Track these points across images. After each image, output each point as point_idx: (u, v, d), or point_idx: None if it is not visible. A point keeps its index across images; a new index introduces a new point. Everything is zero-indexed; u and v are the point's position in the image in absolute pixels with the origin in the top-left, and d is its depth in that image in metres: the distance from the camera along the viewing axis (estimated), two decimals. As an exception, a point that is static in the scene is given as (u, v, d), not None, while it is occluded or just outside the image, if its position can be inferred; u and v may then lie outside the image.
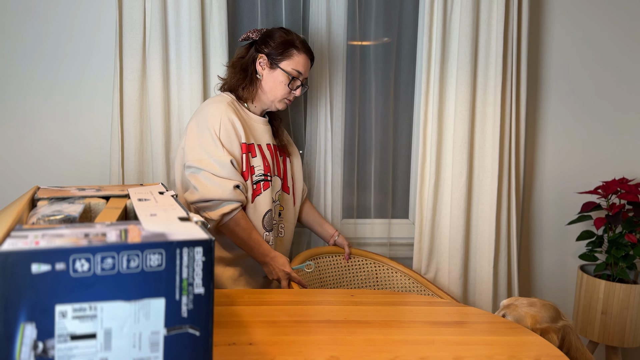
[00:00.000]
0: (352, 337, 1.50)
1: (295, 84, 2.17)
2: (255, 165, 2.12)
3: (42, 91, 2.46)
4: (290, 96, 2.19)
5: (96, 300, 0.86)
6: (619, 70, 2.80)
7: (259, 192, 2.13)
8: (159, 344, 0.91)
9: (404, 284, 2.42)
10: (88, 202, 1.29)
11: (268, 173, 2.15)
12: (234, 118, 2.07)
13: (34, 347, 0.85)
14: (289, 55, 2.14)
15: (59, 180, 2.51)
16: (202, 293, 0.92)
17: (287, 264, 2.13)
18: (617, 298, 2.54)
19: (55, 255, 0.83)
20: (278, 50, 2.14)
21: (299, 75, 2.17)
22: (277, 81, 2.15)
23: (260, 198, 2.14)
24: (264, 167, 2.14)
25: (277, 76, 2.15)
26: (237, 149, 2.07)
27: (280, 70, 2.14)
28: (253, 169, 2.11)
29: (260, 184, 2.13)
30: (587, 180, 2.86)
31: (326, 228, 2.47)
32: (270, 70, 2.16)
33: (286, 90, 2.16)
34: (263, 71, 2.17)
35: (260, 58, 2.16)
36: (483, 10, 2.51)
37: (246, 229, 2.07)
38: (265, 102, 2.20)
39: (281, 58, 2.14)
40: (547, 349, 1.47)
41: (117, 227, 0.95)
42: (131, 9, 2.33)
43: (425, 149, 2.57)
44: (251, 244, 2.09)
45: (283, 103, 2.20)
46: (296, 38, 2.17)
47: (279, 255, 2.13)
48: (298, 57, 2.15)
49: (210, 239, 0.91)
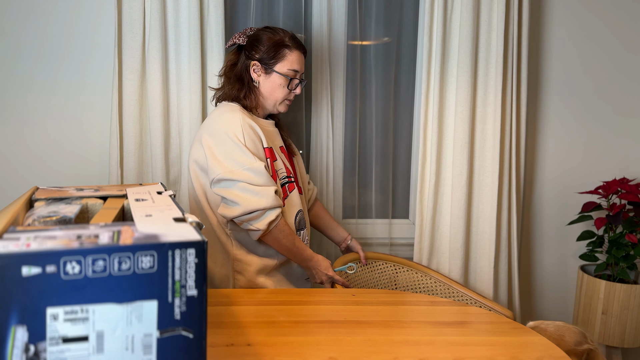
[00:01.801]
0: (351, 338, 1.49)
1: (294, 84, 2.11)
2: (278, 168, 2.06)
3: (41, 91, 2.46)
4: (290, 96, 2.13)
5: (88, 303, 0.86)
6: (620, 70, 2.78)
7: (286, 194, 2.08)
8: (151, 346, 0.91)
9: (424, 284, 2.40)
10: (85, 202, 1.29)
11: (290, 175, 2.11)
12: (252, 123, 2.00)
13: (25, 350, 0.84)
14: (281, 57, 2.07)
15: (58, 179, 2.51)
16: (195, 295, 0.92)
17: (330, 267, 2.10)
18: (617, 298, 2.53)
19: (45, 258, 0.82)
20: (269, 54, 2.06)
21: (296, 74, 2.10)
22: (275, 85, 2.09)
23: (289, 200, 2.09)
24: (286, 170, 2.10)
25: (274, 80, 2.08)
26: (262, 155, 2.00)
27: (276, 73, 2.07)
28: (277, 173, 2.06)
29: (286, 186, 2.08)
30: (587, 180, 2.85)
31: (339, 232, 2.40)
32: (266, 76, 2.08)
33: (285, 92, 2.10)
34: (259, 78, 2.09)
35: (254, 65, 2.08)
36: (483, 10, 2.50)
37: (290, 235, 2.00)
38: (267, 107, 2.13)
39: (274, 61, 2.07)
40: (549, 349, 1.46)
41: (110, 229, 0.94)
42: (131, 8, 2.32)
43: (425, 149, 2.56)
44: (295, 250, 2.03)
45: (284, 105, 2.14)
46: (284, 35, 2.09)
47: (321, 259, 2.09)
48: (291, 55, 2.07)
49: (202, 240, 0.91)
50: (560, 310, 2.92)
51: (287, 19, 2.55)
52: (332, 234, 2.41)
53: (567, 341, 1.70)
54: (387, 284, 2.45)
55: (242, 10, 2.55)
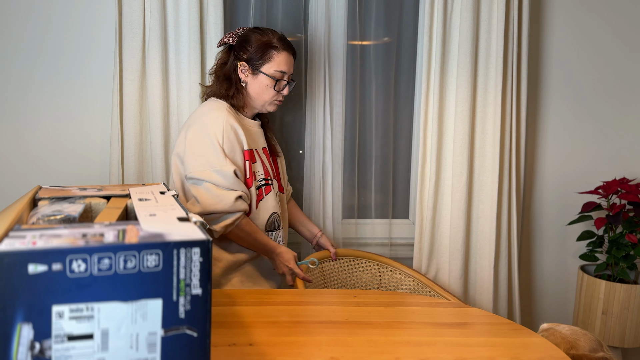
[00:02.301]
0: (352, 338, 1.49)
1: (281, 85, 2.13)
2: (257, 170, 2.10)
3: (42, 91, 2.46)
4: (278, 97, 2.15)
5: (93, 301, 0.86)
6: (619, 69, 2.79)
7: (261, 197, 2.12)
8: (156, 344, 0.91)
9: (408, 285, 2.42)
10: (89, 202, 1.29)
11: (268, 177, 2.14)
12: (235, 125, 2.04)
13: (30, 348, 0.85)
14: (269, 58, 2.09)
15: (59, 179, 2.51)
16: (199, 294, 0.92)
17: (292, 260, 2.14)
18: (617, 298, 2.54)
19: (51, 256, 0.82)
20: (257, 55, 2.08)
21: (283, 75, 2.12)
22: (262, 86, 2.11)
23: (264, 203, 2.13)
24: (264, 172, 2.13)
25: (262, 81, 2.10)
26: (239, 157, 2.04)
27: (263, 74, 2.09)
28: (255, 175, 2.09)
29: (262, 188, 2.12)
30: (587, 180, 2.85)
31: (310, 228, 2.44)
32: (254, 77, 2.11)
33: (273, 93, 2.12)
34: (247, 78, 2.11)
35: (241, 66, 2.10)
36: (483, 10, 2.50)
37: (250, 233, 2.06)
38: (256, 107, 2.17)
39: (261, 62, 2.09)
40: (550, 350, 1.47)
41: (115, 228, 0.94)
42: (131, 9, 2.32)
43: (425, 149, 2.57)
44: (258, 245, 2.10)
45: (273, 105, 2.16)
46: (273, 36, 2.11)
47: (285, 251, 2.14)
48: (278, 57, 2.09)
49: (207, 239, 0.91)
50: (560, 310, 2.93)
51: (287, 19, 2.55)
52: (303, 229, 2.45)
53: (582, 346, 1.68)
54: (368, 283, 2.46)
55: (242, 10, 2.55)
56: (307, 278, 2.14)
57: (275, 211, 2.16)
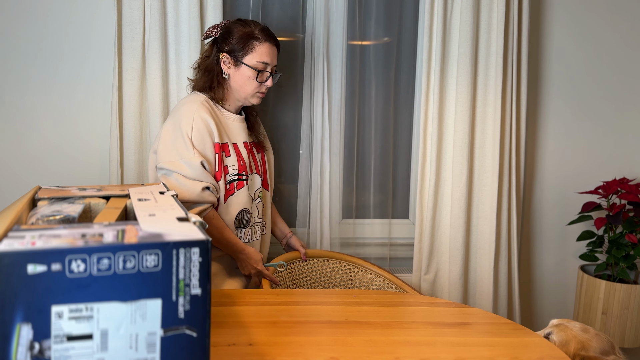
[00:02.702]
0: (352, 338, 1.49)
1: (264, 76, 2.11)
2: (229, 164, 2.09)
3: (41, 91, 2.46)
4: (262, 89, 2.13)
5: (92, 301, 0.86)
6: (619, 69, 2.79)
7: (232, 191, 2.10)
8: (155, 344, 0.91)
9: (378, 285, 2.40)
10: (88, 202, 1.29)
11: (243, 172, 2.12)
12: (207, 117, 2.04)
13: (30, 348, 0.85)
14: (250, 49, 2.08)
15: (58, 180, 2.51)
16: (198, 294, 0.92)
17: (260, 262, 2.12)
18: (617, 298, 2.54)
19: (51, 256, 0.82)
20: (239, 46, 2.08)
21: (266, 67, 2.10)
22: (244, 77, 2.10)
23: (234, 198, 2.10)
24: (239, 167, 2.11)
25: (244, 72, 2.09)
26: (209, 149, 2.04)
27: (245, 66, 2.08)
28: (227, 169, 2.08)
29: (234, 183, 2.10)
30: (587, 180, 2.85)
31: (281, 227, 2.43)
32: (236, 68, 2.10)
33: (255, 85, 2.10)
34: (229, 70, 2.11)
35: (223, 57, 2.10)
36: (483, 10, 2.50)
37: (218, 228, 2.06)
38: (239, 99, 2.15)
39: (243, 53, 2.08)
40: (549, 350, 1.47)
41: (114, 228, 0.94)
42: (130, 8, 2.32)
43: (425, 149, 2.57)
44: (225, 242, 2.08)
45: (256, 97, 2.15)
46: (255, 27, 2.10)
47: (253, 252, 2.13)
48: (260, 47, 2.08)
49: (207, 239, 0.91)
50: (560, 310, 2.93)
51: (286, 19, 2.56)
52: (274, 228, 2.44)
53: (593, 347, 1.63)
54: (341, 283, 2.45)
55: (242, 10, 2.55)
56: (275, 280, 2.12)
57: (245, 207, 2.13)
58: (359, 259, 2.44)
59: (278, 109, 2.65)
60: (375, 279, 2.40)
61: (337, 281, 2.45)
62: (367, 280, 2.42)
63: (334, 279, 2.45)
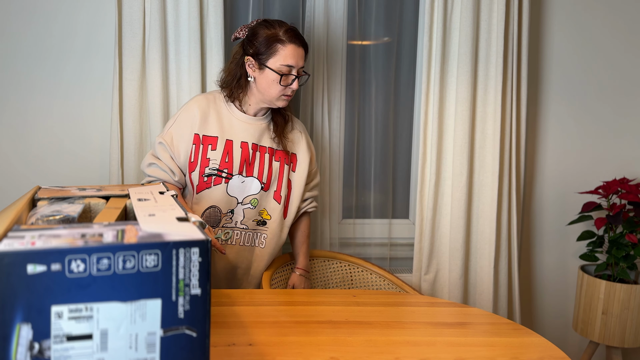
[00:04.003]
0: (352, 338, 1.49)
1: (288, 79, 2.05)
2: (212, 158, 2.06)
3: (41, 91, 2.46)
4: (286, 91, 2.07)
5: (92, 301, 0.86)
6: (619, 69, 2.79)
7: (208, 185, 2.06)
8: (155, 344, 0.91)
9: (379, 285, 2.40)
10: (88, 202, 1.29)
11: (226, 170, 2.07)
12: (205, 108, 2.08)
13: (30, 348, 0.85)
14: (274, 52, 2.03)
15: (59, 180, 2.51)
16: (198, 294, 0.92)
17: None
18: (617, 298, 2.54)
19: (50, 256, 0.82)
20: (262, 49, 2.03)
21: (291, 69, 2.05)
22: (269, 81, 2.04)
23: (208, 192, 2.07)
24: (221, 163, 2.06)
25: (268, 76, 2.04)
26: (187, 138, 2.07)
27: (269, 69, 2.03)
28: (208, 161, 2.06)
29: (212, 178, 2.07)
30: (587, 180, 2.85)
31: (297, 257, 2.31)
32: (260, 71, 2.05)
33: (280, 88, 2.05)
34: (254, 73, 2.07)
35: (247, 60, 2.07)
36: (483, 10, 2.50)
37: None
38: (264, 101, 2.11)
39: (267, 57, 2.03)
40: (549, 350, 1.47)
41: (114, 228, 0.94)
42: (130, 8, 2.32)
43: (425, 149, 2.57)
44: None
45: (282, 100, 2.09)
46: (279, 29, 2.04)
47: None
48: (284, 50, 2.02)
49: (206, 239, 0.91)
50: (560, 311, 2.92)
51: (286, 19, 2.54)
52: (294, 253, 2.34)
53: None
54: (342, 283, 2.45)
55: (242, 10, 2.55)
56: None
57: (216, 205, 2.08)
58: (359, 259, 2.44)
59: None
60: (376, 279, 2.40)
61: (337, 281, 2.45)
62: (367, 281, 2.42)
63: (334, 279, 2.45)
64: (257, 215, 2.15)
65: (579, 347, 2.97)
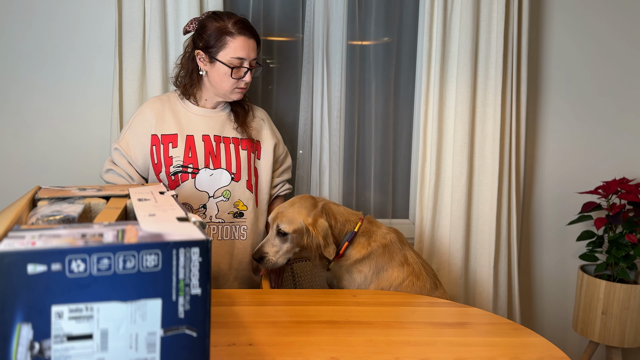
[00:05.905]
0: (352, 338, 1.49)
1: (240, 72, 2.01)
2: (174, 155, 2.03)
3: (42, 91, 2.46)
4: (239, 84, 2.03)
5: (92, 301, 0.86)
6: (619, 69, 2.79)
7: (177, 183, 2.04)
8: (155, 344, 0.91)
9: None
10: (88, 202, 1.29)
11: (190, 165, 2.04)
12: (158, 108, 2.07)
13: (30, 348, 0.85)
14: (223, 45, 1.99)
15: (59, 180, 2.51)
16: (198, 294, 0.92)
17: None
18: (617, 298, 2.54)
19: (51, 256, 0.82)
20: (212, 42, 1.99)
21: (242, 62, 2.00)
22: (220, 74, 2.01)
23: (178, 190, 2.04)
24: (185, 159, 2.03)
25: (219, 69, 2.01)
26: (144, 140, 2.05)
27: (219, 62, 1.99)
28: (171, 160, 2.03)
29: (179, 176, 2.03)
30: (587, 180, 2.85)
31: None
32: (211, 65, 2.02)
33: (232, 81, 2.02)
34: (205, 67, 2.04)
35: (198, 54, 2.03)
36: (483, 10, 2.50)
37: None
38: (218, 95, 2.08)
39: (217, 50, 1.99)
40: (549, 350, 1.47)
41: (114, 228, 0.94)
42: (131, 9, 2.32)
43: (425, 149, 2.57)
44: None
45: (236, 93, 2.06)
46: (228, 21, 2.00)
47: None
48: (234, 42, 1.98)
49: (206, 239, 0.91)
50: (560, 311, 2.93)
51: (285, 19, 2.56)
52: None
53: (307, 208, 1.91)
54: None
55: (242, 10, 2.55)
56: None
57: (186, 202, 2.05)
58: None
59: (278, 109, 2.65)
60: None
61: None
62: None
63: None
64: (232, 207, 2.10)
65: (578, 347, 2.97)
